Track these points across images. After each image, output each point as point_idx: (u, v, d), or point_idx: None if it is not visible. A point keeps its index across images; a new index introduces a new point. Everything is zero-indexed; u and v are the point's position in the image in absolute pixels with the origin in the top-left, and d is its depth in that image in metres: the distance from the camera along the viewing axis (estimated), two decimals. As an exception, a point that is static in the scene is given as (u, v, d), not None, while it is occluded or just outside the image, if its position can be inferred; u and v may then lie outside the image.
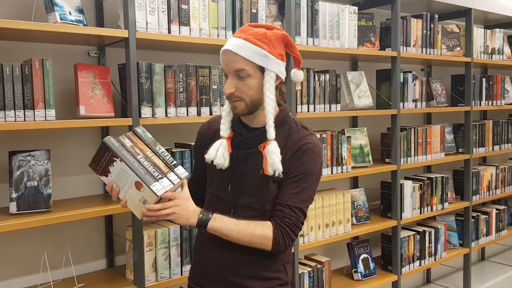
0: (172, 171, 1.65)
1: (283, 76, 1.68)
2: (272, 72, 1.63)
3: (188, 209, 1.61)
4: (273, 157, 1.61)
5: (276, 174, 1.62)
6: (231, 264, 1.70)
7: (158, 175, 1.60)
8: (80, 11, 2.12)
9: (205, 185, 1.83)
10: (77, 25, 2.06)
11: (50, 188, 2.07)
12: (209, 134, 1.82)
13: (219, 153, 1.68)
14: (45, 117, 1.98)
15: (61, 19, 2.02)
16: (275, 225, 1.64)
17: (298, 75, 1.75)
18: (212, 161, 1.71)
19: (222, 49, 1.65)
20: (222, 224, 1.61)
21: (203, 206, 1.72)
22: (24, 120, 1.94)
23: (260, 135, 1.68)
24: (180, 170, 1.67)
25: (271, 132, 1.63)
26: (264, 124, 1.66)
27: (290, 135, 1.69)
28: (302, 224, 1.68)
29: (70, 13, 2.07)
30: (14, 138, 2.17)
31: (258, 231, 1.62)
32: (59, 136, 2.32)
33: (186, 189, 1.66)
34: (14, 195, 2.00)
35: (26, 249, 2.26)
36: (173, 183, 1.62)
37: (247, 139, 1.70)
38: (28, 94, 1.94)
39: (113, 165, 1.59)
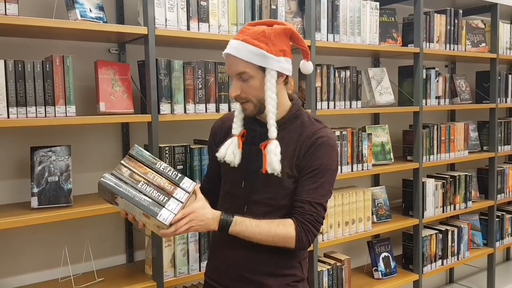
0: (178, 186, 1.59)
1: (286, 72, 1.65)
2: (273, 71, 1.60)
3: (205, 218, 1.58)
4: (271, 157, 1.59)
5: (275, 174, 1.60)
6: (247, 261, 1.69)
7: (164, 199, 1.55)
8: (101, 8, 2.14)
9: (218, 182, 1.83)
10: (97, 22, 2.08)
11: (70, 183, 2.10)
12: (222, 130, 1.82)
13: (229, 151, 1.67)
14: (66, 113, 2.01)
15: (81, 16, 2.04)
16: (297, 223, 1.62)
17: (307, 66, 1.73)
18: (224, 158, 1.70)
19: (223, 53, 1.64)
20: (244, 227, 1.60)
21: (218, 205, 1.72)
22: (45, 116, 1.97)
23: None
24: (186, 183, 1.61)
25: (272, 131, 1.61)
26: (278, 119, 1.65)
27: (303, 130, 1.67)
28: (323, 218, 1.67)
29: (90, 10, 2.09)
30: (35, 134, 2.21)
31: (280, 231, 1.61)
32: (80, 132, 2.35)
33: (199, 196, 1.62)
34: (35, 190, 2.04)
35: (47, 243, 2.30)
36: (181, 201, 1.57)
37: (260, 135, 1.68)
38: (49, 91, 1.97)
39: (117, 201, 1.56)
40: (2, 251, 2.20)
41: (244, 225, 1.60)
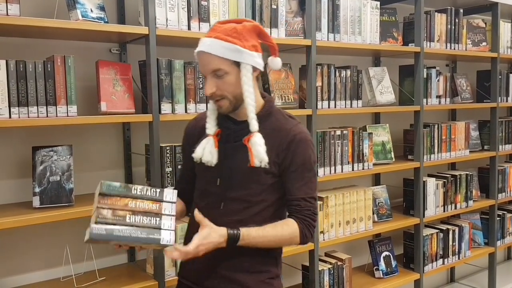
0: (162, 202, 1.55)
1: (260, 66, 1.68)
2: (248, 65, 1.62)
3: (212, 243, 1.56)
4: (257, 149, 1.61)
5: (263, 165, 1.62)
6: (221, 258, 1.69)
7: (156, 222, 1.51)
8: (102, 8, 2.15)
9: (192, 181, 1.84)
10: (98, 22, 2.09)
11: (72, 183, 2.11)
12: (196, 130, 1.83)
13: (206, 151, 1.69)
14: (67, 113, 2.02)
15: (82, 16, 2.04)
16: (298, 220, 1.67)
17: (275, 62, 1.76)
18: (201, 158, 1.71)
19: (195, 51, 1.65)
20: (252, 239, 1.62)
21: (194, 203, 1.75)
22: (47, 116, 1.98)
23: (247, 128, 1.66)
24: (168, 195, 1.57)
25: (253, 124, 1.63)
26: None
27: (279, 126, 1.70)
28: (317, 209, 1.75)
29: (91, 10, 2.10)
30: (37, 133, 2.22)
31: (287, 232, 1.66)
32: (81, 131, 2.36)
33: (203, 223, 1.57)
34: (37, 190, 2.04)
35: (49, 242, 2.31)
36: (171, 214, 1.55)
37: (234, 132, 1.70)
38: (50, 91, 1.98)
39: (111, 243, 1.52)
40: (4, 250, 2.21)
41: (252, 237, 1.62)
